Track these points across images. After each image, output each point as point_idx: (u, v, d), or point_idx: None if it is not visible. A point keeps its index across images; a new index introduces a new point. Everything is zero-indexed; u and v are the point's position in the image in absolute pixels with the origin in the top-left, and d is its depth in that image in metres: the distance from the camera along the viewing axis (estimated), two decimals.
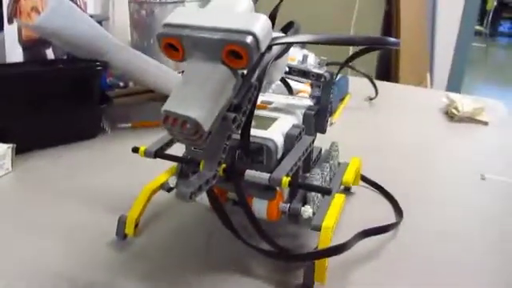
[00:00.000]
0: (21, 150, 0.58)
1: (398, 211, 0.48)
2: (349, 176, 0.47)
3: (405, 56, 1.62)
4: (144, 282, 0.37)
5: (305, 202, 0.38)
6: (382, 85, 0.92)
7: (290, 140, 0.37)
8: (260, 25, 0.27)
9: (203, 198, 0.36)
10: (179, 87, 0.28)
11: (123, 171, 0.56)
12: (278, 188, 0.37)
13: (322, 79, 0.42)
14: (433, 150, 0.66)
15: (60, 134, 0.63)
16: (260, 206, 0.37)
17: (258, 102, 0.43)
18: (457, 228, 0.46)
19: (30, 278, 0.37)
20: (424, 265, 0.40)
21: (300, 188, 0.37)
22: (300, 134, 0.38)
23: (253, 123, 0.36)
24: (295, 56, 0.44)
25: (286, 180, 0.33)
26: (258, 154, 0.35)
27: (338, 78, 0.81)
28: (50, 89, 0.61)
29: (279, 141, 0.36)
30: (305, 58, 0.44)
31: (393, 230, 0.44)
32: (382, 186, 0.52)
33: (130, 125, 0.70)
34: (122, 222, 0.42)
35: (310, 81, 0.45)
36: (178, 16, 0.29)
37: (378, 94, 0.86)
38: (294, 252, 0.39)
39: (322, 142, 0.46)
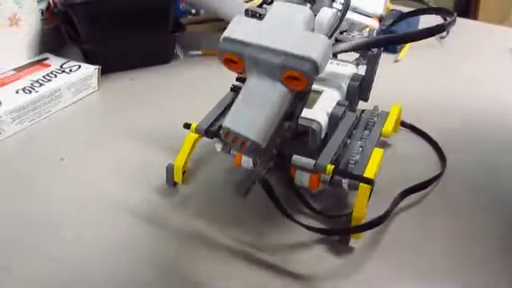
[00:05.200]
0: (104, 72, 0.66)
1: (442, 160, 0.50)
2: (388, 127, 0.48)
3: None
4: (191, 218, 0.43)
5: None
6: (456, 21, 0.87)
7: (335, 120, 0.41)
8: (320, 50, 0.28)
9: (248, 161, 0.43)
10: (240, 104, 0.30)
11: (192, 97, 0.63)
12: None
13: (370, 53, 0.43)
14: (506, 102, 0.64)
15: (137, 58, 0.70)
16: (302, 176, 0.42)
17: None
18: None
19: (91, 204, 0.45)
20: (468, 218, 0.43)
21: (342, 177, 0.40)
22: (344, 112, 0.41)
23: None
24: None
25: (330, 168, 0.37)
26: (303, 135, 0.39)
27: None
28: (130, 15, 0.66)
29: (324, 121, 0.40)
30: (352, 26, 0.45)
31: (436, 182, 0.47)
32: (425, 131, 0.54)
33: (200, 52, 0.75)
34: (169, 171, 0.45)
35: (377, 15, 0.46)
36: (239, 30, 0.30)
37: (451, 32, 0.83)
38: (330, 214, 0.43)
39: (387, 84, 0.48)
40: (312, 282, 0.38)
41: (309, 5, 0.32)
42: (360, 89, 0.45)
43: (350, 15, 0.78)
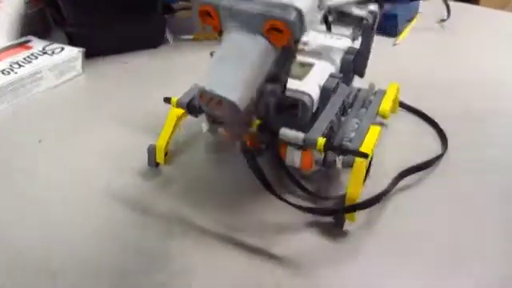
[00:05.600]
0: (90, 55, 0.63)
1: (443, 141, 0.48)
2: (385, 106, 0.45)
3: None
4: (175, 201, 0.40)
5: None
6: (457, 6, 0.84)
7: (327, 93, 0.38)
8: None
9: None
10: (216, 62, 0.27)
11: (182, 82, 0.60)
12: None
13: (364, 21, 0.40)
14: (506, 86, 0.61)
15: (126, 41, 0.67)
16: (294, 156, 0.39)
17: None
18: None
19: (71, 189, 0.42)
20: (468, 201, 0.41)
21: (335, 151, 0.38)
22: (337, 85, 0.39)
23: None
24: None
25: (321, 142, 0.34)
26: (293, 108, 0.36)
27: None
28: None
29: (315, 94, 0.37)
30: None
31: (435, 164, 0.44)
32: (424, 112, 0.51)
33: (191, 37, 0.72)
34: (151, 152, 0.43)
35: None
36: None
37: (452, 15, 0.80)
38: (323, 195, 0.41)
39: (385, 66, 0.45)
40: (302, 268, 0.35)
41: None
42: (355, 63, 0.42)
43: None
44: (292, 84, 0.37)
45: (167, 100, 0.41)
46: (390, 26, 0.76)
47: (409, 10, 0.80)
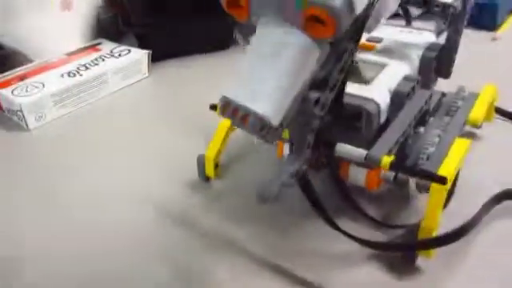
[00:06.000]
0: (158, 58, 0.62)
1: None
2: (478, 112, 0.37)
3: None
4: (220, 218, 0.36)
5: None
6: None
7: (399, 99, 0.31)
8: None
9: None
10: (244, 64, 0.22)
11: None
12: None
13: (451, 10, 0.33)
14: None
15: (193, 43, 0.65)
16: (357, 174, 0.33)
17: (363, 40, 0.36)
18: None
19: (116, 195, 0.40)
20: None
21: (406, 173, 0.31)
22: (413, 89, 0.32)
23: (354, 74, 0.32)
24: None
25: (387, 160, 0.28)
26: (356, 119, 0.30)
27: None
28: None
29: (383, 101, 0.30)
30: None
31: None
32: None
33: None
34: (201, 163, 0.39)
35: None
36: None
37: None
38: (392, 222, 0.34)
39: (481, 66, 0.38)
40: None
41: None
42: (438, 62, 0.35)
43: None
44: (357, 89, 0.31)
45: (213, 107, 0.37)
46: (487, 18, 0.66)
47: None
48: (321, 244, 0.33)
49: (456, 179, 0.36)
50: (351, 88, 0.31)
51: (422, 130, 0.37)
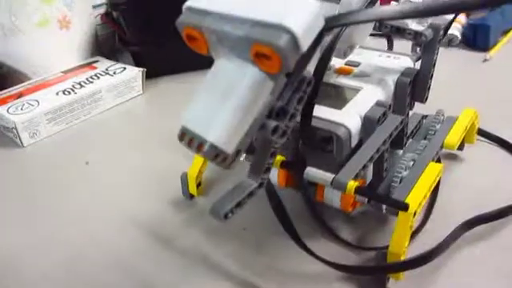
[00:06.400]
0: (153, 75, 0.64)
1: None
2: (453, 137, 0.37)
3: None
4: (200, 237, 0.37)
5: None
6: None
7: (370, 124, 0.32)
8: (300, 15, 0.20)
9: (274, 175, 0.35)
10: (200, 94, 0.23)
11: None
12: None
13: (423, 38, 0.34)
14: None
15: (188, 60, 0.66)
16: (333, 196, 0.34)
17: (342, 64, 0.37)
18: None
19: (101, 212, 0.41)
20: None
21: (369, 199, 0.32)
22: (384, 114, 0.33)
23: (328, 98, 0.33)
24: None
25: (352, 186, 0.29)
26: (327, 143, 0.31)
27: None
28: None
29: (354, 126, 0.31)
30: None
31: None
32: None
33: None
34: (184, 181, 0.40)
35: None
36: None
37: None
38: (366, 243, 0.35)
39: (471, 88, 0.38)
40: None
41: None
42: (413, 87, 0.36)
43: None
44: (329, 113, 0.32)
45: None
46: (480, 39, 0.67)
47: (506, 19, 0.69)
48: (295, 262, 0.34)
49: (434, 198, 0.38)
50: (324, 112, 0.32)
51: (400, 152, 0.38)
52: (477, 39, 0.67)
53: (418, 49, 0.37)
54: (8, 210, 0.42)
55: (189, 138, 0.22)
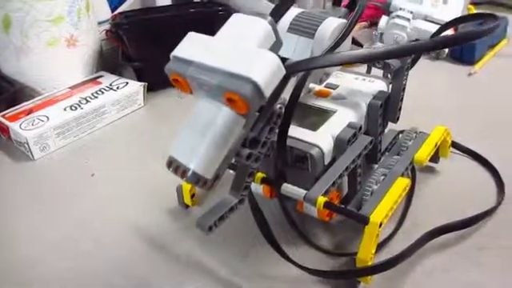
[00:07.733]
0: (154, 88, 0.68)
1: (500, 190, 0.43)
2: (423, 153, 0.40)
3: None
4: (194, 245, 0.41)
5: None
6: None
7: (341, 144, 0.36)
8: (262, 69, 0.25)
9: (258, 189, 0.39)
10: (185, 129, 0.28)
11: None
12: None
13: (391, 67, 0.37)
14: None
15: None
16: (310, 206, 0.36)
17: (321, 87, 0.41)
18: None
19: (102, 223, 0.44)
20: None
21: (336, 212, 0.36)
22: (354, 135, 0.36)
23: (308, 118, 0.37)
24: None
25: (321, 201, 0.33)
26: (302, 162, 0.35)
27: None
28: (177, 31, 0.67)
29: (327, 147, 0.35)
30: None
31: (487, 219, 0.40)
32: (485, 157, 0.47)
33: None
34: (179, 192, 0.44)
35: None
36: (187, 48, 0.28)
37: None
38: (340, 250, 0.39)
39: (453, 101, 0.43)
40: None
41: (269, 17, 0.28)
42: (385, 108, 0.39)
43: (418, 24, 0.71)
44: (304, 134, 0.36)
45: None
46: (467, 52, 0.70)
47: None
48: (278, 268, 0.38)
49: (407, 209, 0.41)
50: (301, 133, 0.36)
51: (375, 167, 0.42)
52: (463, 53, 0.70)
53: (389, 75, 0.41)
54: (20, 217, 0.46)
55: (175, 166, 0.27)
